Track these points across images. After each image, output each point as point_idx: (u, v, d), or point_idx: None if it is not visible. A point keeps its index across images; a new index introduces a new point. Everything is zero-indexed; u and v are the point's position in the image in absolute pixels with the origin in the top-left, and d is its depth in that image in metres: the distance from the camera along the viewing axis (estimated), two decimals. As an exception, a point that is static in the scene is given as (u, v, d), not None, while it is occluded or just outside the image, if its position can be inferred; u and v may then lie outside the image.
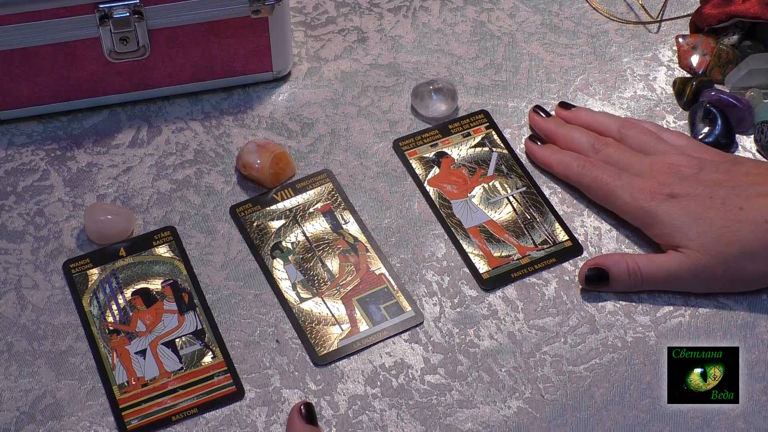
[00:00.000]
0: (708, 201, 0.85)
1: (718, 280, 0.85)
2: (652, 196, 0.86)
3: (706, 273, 0.84)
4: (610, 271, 0.86)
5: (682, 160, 0.88)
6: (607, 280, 0.86)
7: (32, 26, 0.91)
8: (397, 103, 1.00)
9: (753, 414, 0.82)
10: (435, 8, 1.06)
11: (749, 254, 0.83)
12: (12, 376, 0.84)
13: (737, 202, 0.84)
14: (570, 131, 0.94)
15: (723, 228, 0.84)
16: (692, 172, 0.87)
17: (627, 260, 0.86)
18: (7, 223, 0.92)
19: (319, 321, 0.87)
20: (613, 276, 0.86)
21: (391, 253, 0.91)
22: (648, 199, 0.87)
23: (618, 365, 0.84)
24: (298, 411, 0.80)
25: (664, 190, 0.86)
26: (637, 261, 0.86)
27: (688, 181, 0.86)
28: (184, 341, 0.86)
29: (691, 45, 1.02)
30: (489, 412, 0.82)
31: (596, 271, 0.87)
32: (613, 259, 0.87)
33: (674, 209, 0.85)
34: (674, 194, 0.86)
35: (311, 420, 0.79)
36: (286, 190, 0.94)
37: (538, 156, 0.94)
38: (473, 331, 0.86)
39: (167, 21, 0.93)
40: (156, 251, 0.90)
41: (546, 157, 0.94)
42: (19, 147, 0.97)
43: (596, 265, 0.87)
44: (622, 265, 0.86)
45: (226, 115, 0.99)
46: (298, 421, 0.79)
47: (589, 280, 0.87)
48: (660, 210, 0.86)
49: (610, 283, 0.86)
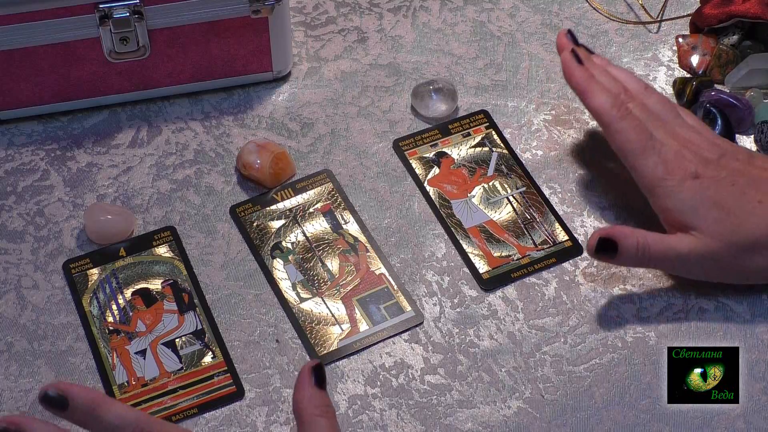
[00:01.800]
0: (730, 188, 0.84)
1: (724, 268, 0.84)
2: (675, 170, 0.84)
3: (715, 260, 0.83)
4: (619, 242, 0.84)
5: (703, 141, 0.86)
6: (614, 251, 0.84)
7: (32, 26, 0.91)
8: (397, 103, 1.00)
9: (753, 414, 0.82)
10: (435, 8, 1.06)
11: (760, 248, 0.83)
12: (12, 376, 0.84)
13: (757, 195, 0.83)
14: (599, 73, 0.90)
15: (740, 218, 0.83)
16: (714, 156, 0.85)
17: (637, 235, 0.84)
18: (7, 223, 0.92)
19: (319, 321, 0.87)
20: (621, 248, 0.84)
21: (391, 253, 0.91)
22: (671, 172, 0.84)
23: (618, 365, 0.84)
24: (309, 372, 0.75)
25: (688, 168, 0.84)
26: (648, 238, 0.84)
27: (711, 165, 0.85)
28: (184, 341, 0.86)
29: (691, 45, 1.02)
30: (489, 412, 0.82)
31: (605, 242, 0.84)
32: (623, 232, 0.85)
33: (696, 190, 0.84)
34: (698, 174, 0.84)
35: (321, 383, 0.75)
36: (286, 190, 0.94)
37: (575, 76, 0.90)
38: (473, 331, 0.86)
39: (167, 21, 0.93)
40: (156, 251, 0.90)
41: (583, 82, 0.89)
42: (19, 147, 0.97)
43: (606, 235, 0.84)
44: (632, 239, 0.84)
45: (226, 115, 0.99)
46: (309, 384, 0.75)
47: (598, 250, 0.85)
48: (682, 187, 0.84)
49: (618, 255, 0.84)
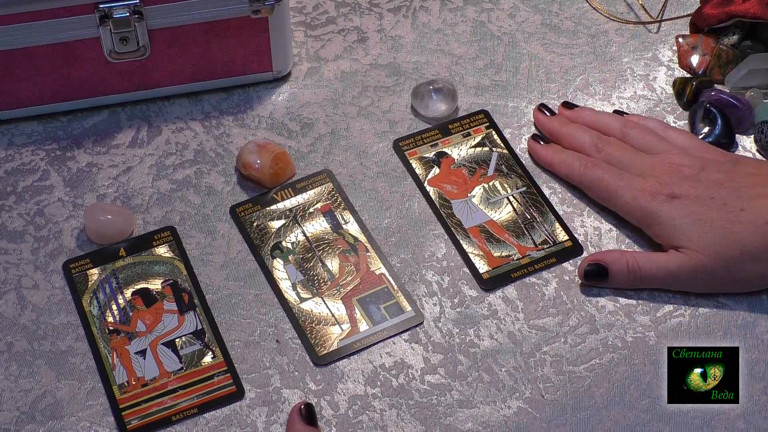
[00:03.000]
0: (709, 202, 0.85)
1: (717, 280, 0.85)
2: (653, 196, 0.86)
3: (706, 273, 0.84)
4: (609, 267, 0.86)
5: (684, 159, 0.88)
6: (606, 276, 0.86)
7: (32, 26, 0.91)
8: (397, 103, 1.00)
9: (753, 414, 0.82)
10: (435, 8, 1.06)
11: (750, 255, 0.83)
12: (12, 376, 0.84)
13: (738, 203, 0.84)
14: (573, 130, 0.94)
15: (724, 229, 0.84)
16: (693, 172, 0.87)
17: (627, 257, 0.86)
18: (7, 223, 0.92)
19: (319, 321, 0.87)
20: (612, 272, 0.86)
21: (391, 253, 0.91)
22: (649, 199, 0.86)
23: (618, 365, 0.84)
24: (298, 411, 0.80)
25: (665, 190, 0.86)
26: (637, 259, 0.86)
27: (689, 181, 0.86)
28: (184, 341, 0.86)
29: (691, 45, 1.02)
30: (489, 412, 0.82)
31: (595, 267, 0.87)
32: (612, 256, 0.87)
33: (675, 210, 0.85)
34: (675, 195, 0.86)
35: (311, 421, 0.79)
36: (286, 190, 0.94)
37: (540, 155, 0.95)
38: (473, 331, 0.86)
39: (167, 21, 0.93)
40: (156, 251, 0.90)
41: (548, 157, 0.94)
42: (19, 147, 0.97)
43: (596, 261, 0.87)
44: (622, 262, 0.86)
45: (226, 115, 0.99)
46: (298, 421, 0.79)
47: (588, 276, 0.87)
48: (661, 210, 0.86)
49: (609, 279, 0.86)
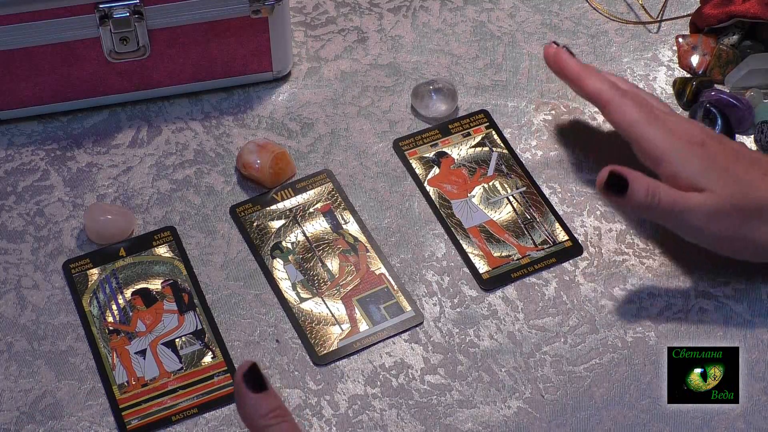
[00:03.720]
0: (735, 156, 0.84)
1: (730, 230, 0.83)
2: (682, 136, 0.85)
3: (722, 221, 0.83)
4: (630, 181, 0.83)
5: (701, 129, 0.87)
6: (624, 190, 0.83)
7: (32, 26, 0.91)
8: (397, 103, 1.00)
9: (753, 414, 0.82)
10: (435, 8, 1.06)
11: (766, 217, 0.83)
12: (12, 376, 0.84)
13: (760, 170, 0.84)
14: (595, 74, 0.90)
15: (748, 184, 0.83)
16: (716, 137, 0.86)
17: (648, 181, 0.83)
18: (7, 223, 0.92)
19: (319, 321, 0.87)
20: (632, 189, 0.83)
21: (391, 253, 0.91)
22: (679, 137, 0.84)
23: (618, 365, 0.84)
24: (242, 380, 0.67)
25: (695, 137, 0.85)
26: (659, 185, 0.83)
27: (715, 140, 0.85)
28: (184, 341, 0.86)
29: (691, 45, 1.02)
30: (489, 412, 0.82)
31: (617, 179, 0.83)
32: (636, 174, 0.83)
33: (704, 155, 0.84)
34: (705, 143, 0.84)
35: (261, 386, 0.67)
36: (286, 190, 0.94)
37: (570, 67, 0.91)
38: (473, 331, 0.86)
39: (167, 21, 0.93)
40: (156, 251, 0.90)
41: (579, 71, 0.90)
42: (19, 147, 0.97)
43: (618, 171, 0.83)
44: (644, 182, 0.83)
45: (226, 115, 0.99)
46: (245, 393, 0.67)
47: (608, 186, 0.83)
48: (691, 152, 0.84)
49: (627, 195, 0.83)
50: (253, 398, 0.67)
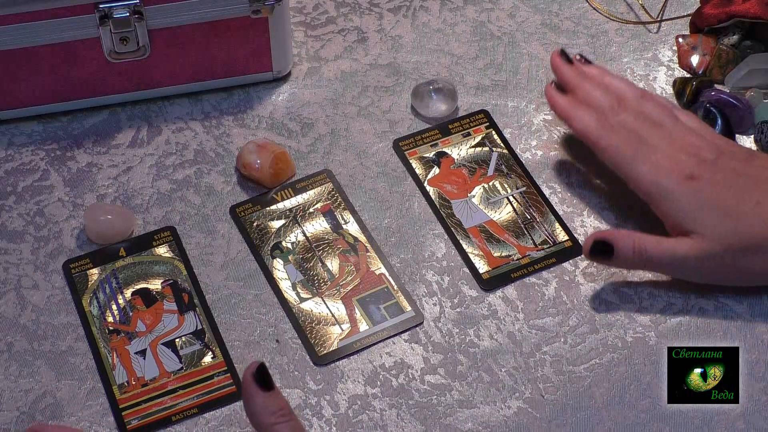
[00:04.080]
0: (726, 190, 0.83)
1: (723, 270, 0.84)
2: (670, 173, 0.84)
3: (714, 262, 0.83)
4: (615, 245, 0.84)
5: (701, 142, 0.86)
6: (611, 254, 0.85)
7: (32, 26, 0.91)
8: (397, 103, 1.00)
9: (753, 414, 0.82)
10: (435, 8, 1.06)
11: (759, 248, 0.82)
12: (12, 376, 0.84)
13: (755, 196, 0.83)
14: (591, 87, 0.91)
15: (738, 220, 0.82)
16: (712, 157, 0.85)
17: (634, 238, 0.85)
18: (7, 223, 0.92)
19: (319, 321, 0.87)
20: (617, 251, 0.84)
21: (391, 253, 0.91)
22: (666, 175, 0.84)
23: (618, 365, 0.84)
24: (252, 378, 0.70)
25: (683, 170, 0.84)
26: (645, 240, 0.84)
27: (707, 165, 0.84)
28: (184, 341, 0.86)
29: (691, 45, 1.02)
30: (489, 412, 0.82)
31: (601, 244, 0.85)
32: (619, 234, 0.85)
33: (691, 192, 0.84)
34: (693, 176, 0.84)
35: (269, 385, 0.70)
36: (286, 190, 0.94)
37: (558, 106, 0.92)
38: (473, 331, 0.86)
39: (167, 21, 0.93)
40: (156, 251, 0.90)
41: (567, 111, 0.91)
42: (19, 147, 0.97)
43: (602, 238, 0.85)
44: (629, 241, 0.84)
45: (226, 115, 0.99)
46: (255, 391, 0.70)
47: (593, 252, 0.85)
48: (677, 189, 0.84)
49: (614, 258, 0.85)
50: (262, 396, 0.69)
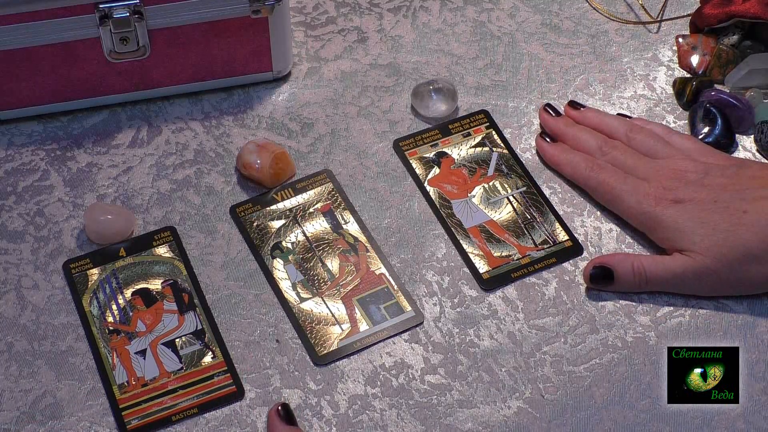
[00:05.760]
0: (712, 205, 0.85)
1: (722, 283, 0.85)
2: (657, 201, 0.87)
3: (711, 276, 0.84)
4: (615, 270, 0.86)
5: (688, 165, 0.88)
6: (611, 279, 0.86)
7: (32, 26, 0.91)
8: (397, 103, 1.00)
9: (753, 414, 0.82)
10: (435, 8, 1.06)
11: (753, 257, 0.83)
12: (12, 376, 0.84)
13: (741, 206, 0.84)
14: (579, 132, 0.94)
15: (726, 231, 0.84)
16: (698, 177, 0.87)
17: (632, 260, 0.86)
18: (7, 223, 0.92)
19: (319, 321, 0.87)
20: (617, 275, 0.86)
21: (391, 253, 0.91)
22: (653, 204, 0.87)
23: (618, 365, 0.84)
24: (277, 413, 0.80)
25: (668, 195, 0.86)
26: (643, 261, 0.86)
27: (693, 186, 0.86)
28: (184, 341, 0.86)
29: (691, 45, 1.02)
30: (489, 412, 0.82)
31: (601, 270, 0.87)
32: (618, 259, 0.87)
33: (678, 214, 0.85)
34: (679, 199, 0.86)
35: (290, 420, 0.80)
36: (286, 190, 0.94)
37: (547, 154, 0.95)
38: (473, 331, 0.86)
39: (167, 21, 0.93)
40: (156, 251, 0.90)
41: (555, 156, 0.94)
42: (19, 147, 0.97)
43: (601, 264, 0.87)
44: (627, 264, 0.86)
45: (226, 115, 0.99)
46: (278, 423, 0.80)
47: (594, 279, 0.87)
48: (664, 215, 0.86)
49: (615, 282, 0.86)
50: (285, 428, 0.80)
